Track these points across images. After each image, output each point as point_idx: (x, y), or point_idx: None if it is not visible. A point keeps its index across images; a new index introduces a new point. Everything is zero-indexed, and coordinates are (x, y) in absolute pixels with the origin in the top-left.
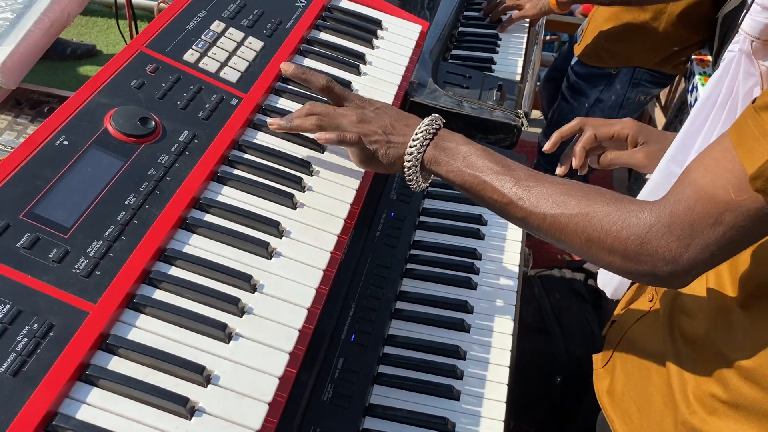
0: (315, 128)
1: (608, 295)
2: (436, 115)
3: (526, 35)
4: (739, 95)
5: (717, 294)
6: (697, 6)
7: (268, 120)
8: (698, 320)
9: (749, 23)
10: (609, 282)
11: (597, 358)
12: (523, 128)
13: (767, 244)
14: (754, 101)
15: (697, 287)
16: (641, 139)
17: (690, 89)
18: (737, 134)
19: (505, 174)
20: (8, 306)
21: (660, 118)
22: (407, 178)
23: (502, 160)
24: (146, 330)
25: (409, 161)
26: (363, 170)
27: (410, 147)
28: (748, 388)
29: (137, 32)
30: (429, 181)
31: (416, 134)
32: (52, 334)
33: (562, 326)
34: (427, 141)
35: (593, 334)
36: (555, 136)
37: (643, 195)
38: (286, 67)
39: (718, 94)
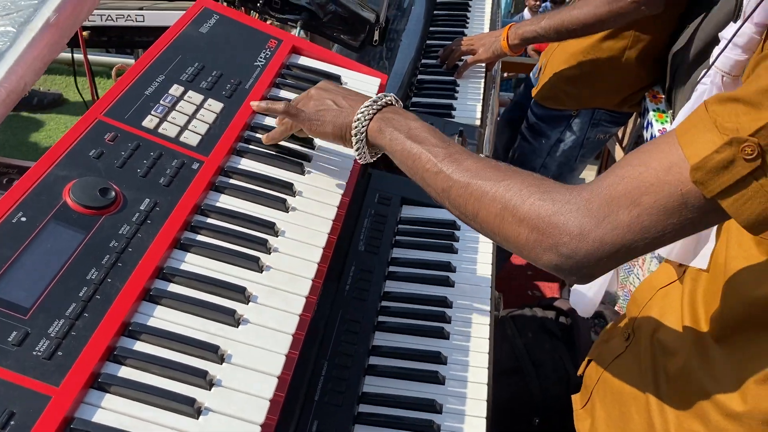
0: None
1: (579, 312)
2: (392, 94)
3: (483, 80)
4: None
5: (694, 329)
6: (652, 48)
7: (252, 103)
8: (678, 356)
9: (722, 60)
10: (580, 300)
11: (576, 399)
12: None
13: (738, 279)
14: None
15: (675, 323)
16: None
17: (645, 125)
18: (683, 125)
19: (442, 147)
20: None
21: (619, 153)
22: (355, 147)
23: (444, 138)
24: (112, 410)
25: (355, 127)
26: (329, 228)
27: (357, 114)
28: (728, 423)
29: (96, 90)
30: (376, 155)
31: (365, 104)
32: (12, 423)
33: (536, 365)
34: (374, 111)
35: (567, 371)
36: None
37: None
38: (256, 106)
39: None
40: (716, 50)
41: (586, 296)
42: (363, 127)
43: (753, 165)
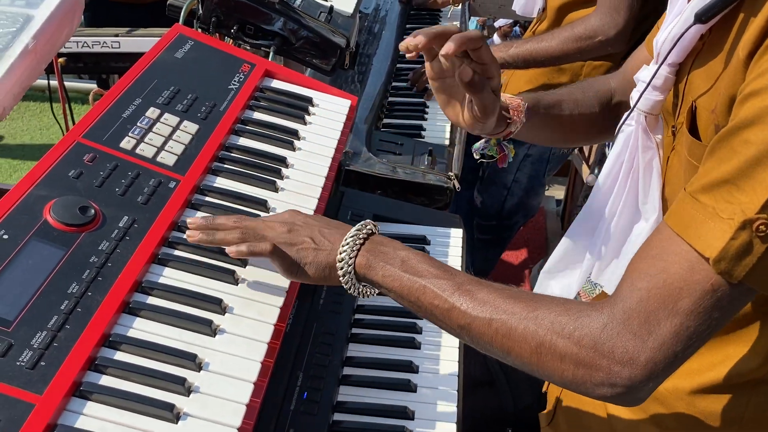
0: (238, 241)
1: None
2: (369, 221)
3: None
4: (639, 167)
5: None
6: (609, 70)
7: (187, 233)
8: None
9: (644, 102)
10: None
11: (542, 417)
12: (456, 189)
13: None
14: (685, 188)
15: None
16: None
17: (607, 143)
18: (677, 221)
19: (447, 278)
20: None
21: (585, 170)
22: (346, 286)
23: (443, 265)
24: (94, 417)
25: (341, 268)
26: None
27: (341, 253)
28: (677, 424)
29: (72, 115)
30: (372, 292)
31: (346, 239)
32: None
33: (507, 376)
34: (358, 245)
35: (539, 381)
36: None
37: (552, 261)
38: (192, 234)
39: (620, 168)
40: (635, 93)
41: None
42: (350, 266)
43: None
